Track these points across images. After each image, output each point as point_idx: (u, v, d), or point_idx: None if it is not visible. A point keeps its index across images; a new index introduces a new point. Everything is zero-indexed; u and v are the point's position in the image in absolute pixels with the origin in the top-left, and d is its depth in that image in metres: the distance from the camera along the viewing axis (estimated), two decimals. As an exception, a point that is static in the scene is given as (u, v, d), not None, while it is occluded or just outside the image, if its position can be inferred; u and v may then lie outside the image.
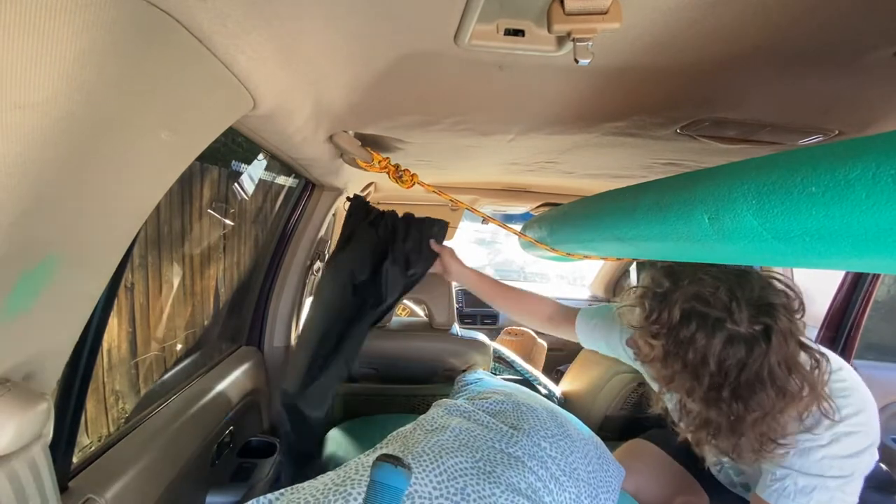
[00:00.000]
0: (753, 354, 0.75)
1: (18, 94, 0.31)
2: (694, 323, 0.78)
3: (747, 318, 0.75)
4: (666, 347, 0.81)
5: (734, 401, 0.77)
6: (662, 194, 0.70)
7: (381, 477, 0.64)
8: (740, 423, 0.78)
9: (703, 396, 0.79)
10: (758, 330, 0.75)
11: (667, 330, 0.81)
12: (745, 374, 0.76)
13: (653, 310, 0.83)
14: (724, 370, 0.76)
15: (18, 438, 0.41)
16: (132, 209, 0.48)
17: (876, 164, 0.39)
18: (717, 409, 0.79)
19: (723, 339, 0.76)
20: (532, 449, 0.90)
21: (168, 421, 0.91)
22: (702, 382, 0.78)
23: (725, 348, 0.76)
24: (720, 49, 0.55)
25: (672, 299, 0.81)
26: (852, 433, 0.80)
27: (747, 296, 0.77)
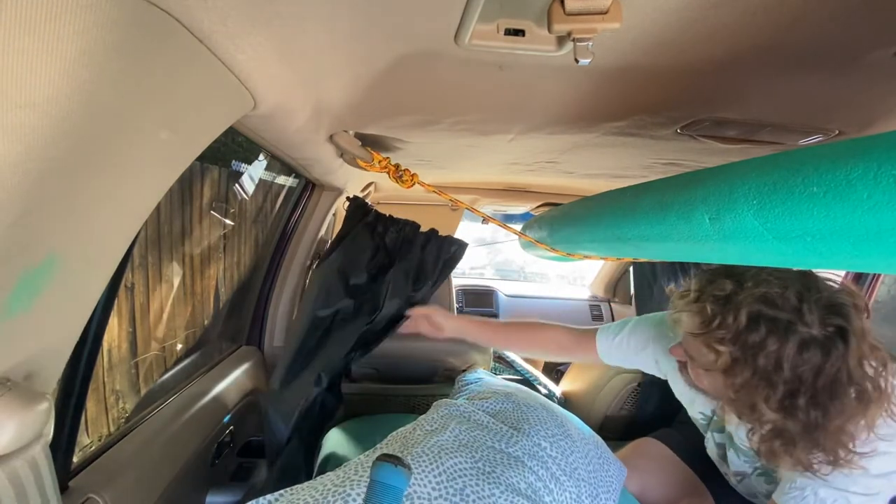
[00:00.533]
0: (831, 358, 0.71)
1: (19, 94, 0.31)
2: (763, 327, 0.73)
3: (818, 321, 0.72)
4: (733, 354, 0.76)
5: (812, 408, 0.72)
6: (663, 194, 0.70)
7: (381, 477, 0.64)
8: (818, 431, 0.73)
9: (778, 405, 0.74)
10: (831, 332, 0.72)
11: (733, 335, 0.76)
12: (822, 380, 0.71)
13: (716, 314, 0.78)
14: (799, 376, 0.72)
15: (19, 438, 0.41)
16: (132, 209, 0.48)
17: (877, 163, 0.39)
18: (793, 417, 0.74)
19: (797, 343, 0.72)
20: (532, 449, 0.90)
21: (168, 420, 0.91)
22: (776, 390, 0.73)
23: (800, 353, 0.71)
24: (720, 49, 0.55)
25: (736, 302, 0.76)
26: (887, 453, 0.76)
27: (815, 297, 0.73)
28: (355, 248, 1.28)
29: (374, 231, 1.30)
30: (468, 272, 4.17)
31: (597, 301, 2.84)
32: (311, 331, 1.21)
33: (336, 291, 1.23)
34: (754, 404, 0.76)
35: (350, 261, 1.27)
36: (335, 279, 1.24)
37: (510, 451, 0.88)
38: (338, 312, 1.24)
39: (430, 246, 1.28)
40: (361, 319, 1.23)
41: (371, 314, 1.23)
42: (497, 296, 2.76)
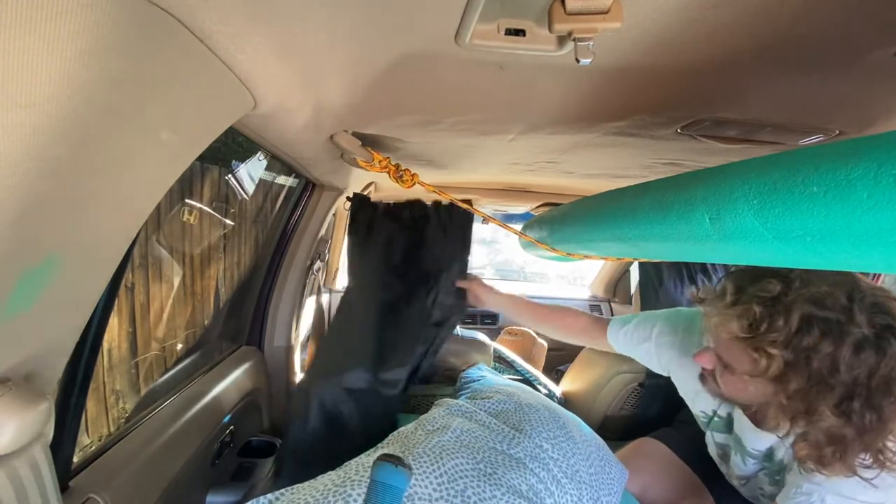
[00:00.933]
0: (886, 357, 0.69)
1: (20, 94, 0.31)
2: (817, 329, 0.71)
3: (867, 320, 0.70)
4: (786, 358, 0.73)
5: (867, 410, 0.71)
6: (663, 194, 0.70)
7: (381, 477, 0.64)
8: (871, 433, 0.71)
9: (835, 408, 0.72)
10: (880, 330, 0.70)
11: (785, 338, 0.72)
12: (877, 379, 0.70)
13: (764, 317, 0.74)
14: (855, 377, 0.70)
15: (19, 438, 0.41)
16: (133, 208, 0.48)
17: (877, 163, 0.39)
18: (850, 422, 0.71)
19: (852, 344, 0.70)
20: (534, 450, 0.90)
21: (168, 420, 0.91)
22: (833, 393, 0.71)
23: (856, 354, 0.70)
24: (721, 49, 0.55)
25: (786, 303, 0.73)
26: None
27: (860, 296, 0.72)
28: (383, 239, 1.31)
29: (397, 218, 1.33)
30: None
31: (597, 301, 2.84)
32: (364, 324, 1.25)
33: (381, 281, 1.27)
34: (812, 409, 0.74)
35: (384, 253, 1.30)
36: (379, 270, 1.28)
37: (511, 452, 0.88)
38: (391, 302, 1.28)
39: (441, 215, 1.33)
40: (418, 305, 1.28)
41: (425, 296, 1.28)
42: (497, 296, 2.75)
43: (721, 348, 0.84)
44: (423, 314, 1.28)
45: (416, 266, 1.30)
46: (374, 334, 1.26)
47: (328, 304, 2.26)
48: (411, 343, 1.27)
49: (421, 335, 1.28)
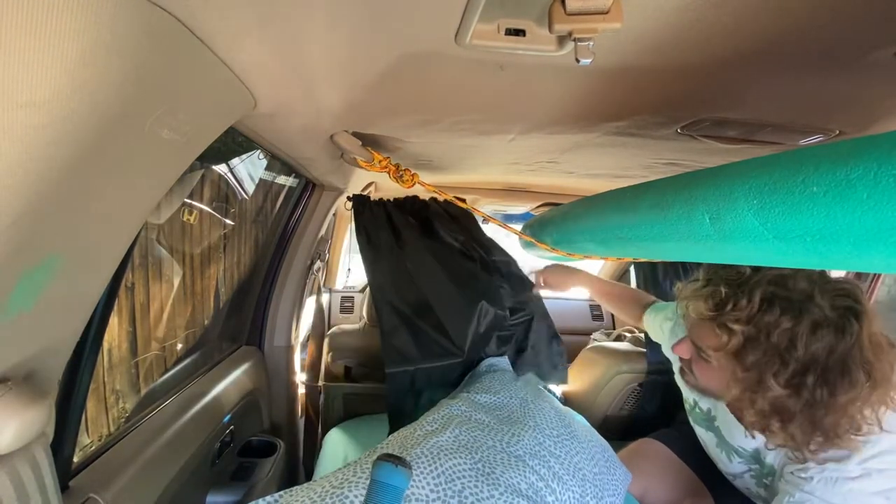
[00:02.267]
0: (844, 337, 0.73)
1: (20, 94, 0.31)
2: (778, 307, 0.75)
3: (829, 303, 0.74)
4: (747, 333, 0.78)
5: (819, 386, 0.74)
6: (663, 194, 0.70)
7: (381, 476, 0.64)
8: (819, 408, 0.75)
9: (787, 381, 0.76)
10: (843, 312, 0.74)
11: (746, 316, 0.78)
12: (834, 358, 0.73)
13: (729, 296, 0.80)
14: (812, 354, 0.74)
15: (20, 438, 0.41)
16: (134, 208, 0.48)
17: (877, 163, 0.39)
18: (798, 395, 0.75)
19: (810, 322, 0.74)
20: (534, 448, 0.90)
21: (169, 420, 0.91)
22: (787, 367, 0.75)
23: (814, 332, 0.73)
24: (721, 49, 0.55)
25: (750, 284, 0.79)
26: (886, 470, 0.76)
27: (826, 281, 0.76)
28: (407, 226, 1.34)
29: (406, 210, 1.37)
30: (468, 272, 4.16)
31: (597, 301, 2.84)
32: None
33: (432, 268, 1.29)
34: (762, 380, 0.78)
35: (415, 235, 1.33)
36: (430, 260, 1.30)
37: (511, 450, 0.88)
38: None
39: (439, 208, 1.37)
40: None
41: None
42: (497, 296, 2.75)
43: (692, 332, 0.90)
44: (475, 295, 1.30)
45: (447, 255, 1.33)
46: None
47: (328, 304, 2.26)
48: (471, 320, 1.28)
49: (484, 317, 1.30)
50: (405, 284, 1.27)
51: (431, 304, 1.25)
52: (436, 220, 1.37)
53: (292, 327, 1.53)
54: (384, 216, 1.35)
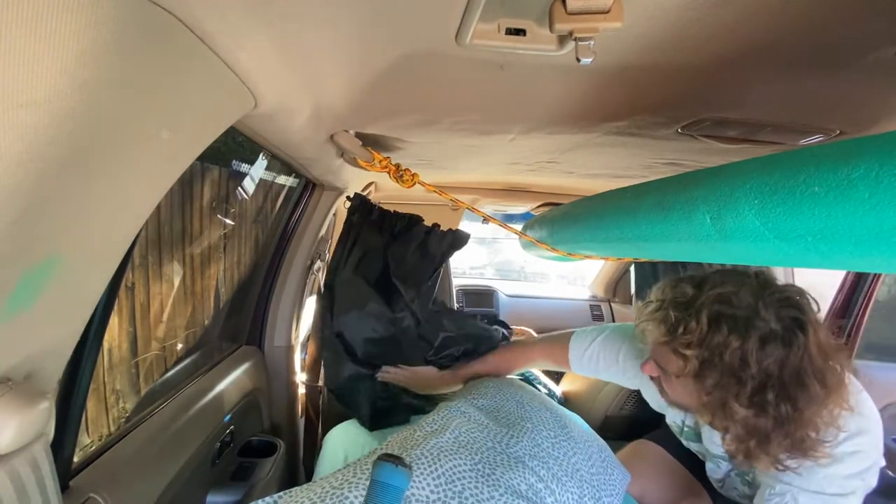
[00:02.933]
0: (792, 349, 0.73)
1: (20, 93, 0.31)
2: (725, 326, 0.75)
3: (775, 315, 0.75)
4: (700, 357, 0.78)
5: (782, 401, 0.74)
6: (664, 194, 0.70)
7: (381, 476, 0.64)
8: (789, 423, 0.75)
9: (749, 401, 0.76)
10: (788, 323, 0.74)
11: (697, 339, 0.77)
12: (788, 371, 0.73)
13: (679, 320, 0.80)
14: (765, 370, 0.74)
15: (20, 437, 0.41)
16: (133, 208, 0.48)
17: (879, 163, 0.39)
18: (764, 413, 0.75)
19: (757, 338, 0.74)
20: (533, 449, 0.90)
21: (169, 420, 0.91)
22: (745, 386, 0.75)
23: (762, 347, 0.74)
24: (721, 49, 0.55)
25: (697, 305, 0.79)
26: (856, 452, 0.78)
27: (768, 293, 0.77)
28: (365, 249, 1.31)
29: (381, 228, 1.32)
30: (468, 272, 4.17)
31: (597, 301, 2.84)
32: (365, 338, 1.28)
33: (361, 294, 1.27)
34: (725, 403, 0.78)
35: (365, 262, 1.30)
36: (358, 282, 1.28)
37: (511, 451, 0.88)
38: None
39: (431, 237, 1.33)
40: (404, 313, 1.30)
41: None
42: (497, 296, 2.76)
43: (654, 353, 0.90)
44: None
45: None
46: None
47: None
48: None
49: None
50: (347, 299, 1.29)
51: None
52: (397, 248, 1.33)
53: (292, 327, 1.53)
54: (360, 227, 1.34)
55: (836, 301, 1.79)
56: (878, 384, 1.77)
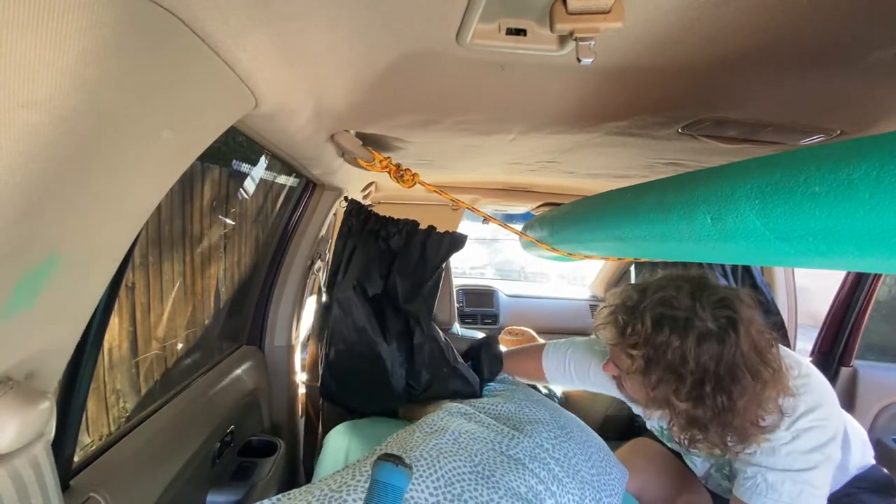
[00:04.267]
0: (726, 346, 0.80)
1: (21, 93, 0.31)
2: (667, 326, 0.82)
3: (711, 315, 0.81)
4: (646, 356, 0.85)
5: (718, 394, 0.81)
6: (664, 194, 0.70)
7: (382, 476, 0.64)
8: (726, 413, 0.81)
9: (687, 395, 0.82)
10: (724, 323, 0.81)
11: (643, 339, 0.84)
12: (723, 366, 0.80)
13: (627, 323, 0.88)
14: (703, 365, 0.80)
15: (20, 437, 0.41)
16: (134, 208, 0.48)
17: (880, 163, 0.39)
18: (702, 405, 0.82)
19: (695, 336, 0.81)
20: (534, 451, 0.90)
21: (169, 420, 0.91)
22: (685, 381, 0.82)
23: (699, 345, 0.80)
24: (722, 49, 0.55)
25: (641, 309, 0.86)
26: (812, 428, 0.84)
27: (706, 294, 0.84)
28: (365, 259, 1.30)
29: (378, 236, 1.31)
30: (468, 272, 4.17)
31: (597, 301, 2.84)
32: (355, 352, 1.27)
33: (359, 307, 1.26)
34: (668, 397, 0.85)
35: (364, 273, 1.29)
36: (355, 295, 1.27)
37: (511, 453, 0.88)
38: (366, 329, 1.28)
39: (430, 241, 1.32)
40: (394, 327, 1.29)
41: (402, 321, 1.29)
42: (497, 296, 2.75)
43: (612, 355, 0.98)
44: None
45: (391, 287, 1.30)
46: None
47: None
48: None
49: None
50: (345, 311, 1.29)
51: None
52: (400, 258, 1.32)
53: (293, 327, 1.53)
54: (357, 236, 1.33)
55: (836, 301, 1.79)
56: (878, 384, 1.77)
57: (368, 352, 1.26)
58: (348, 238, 1.32)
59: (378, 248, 1.31)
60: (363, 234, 1.31)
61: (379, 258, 1.31)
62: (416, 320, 1.28)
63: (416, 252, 1.30)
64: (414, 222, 1.32)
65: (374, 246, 1.31)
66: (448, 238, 1.30)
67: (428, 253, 1.30)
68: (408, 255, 1.29)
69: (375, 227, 1.32)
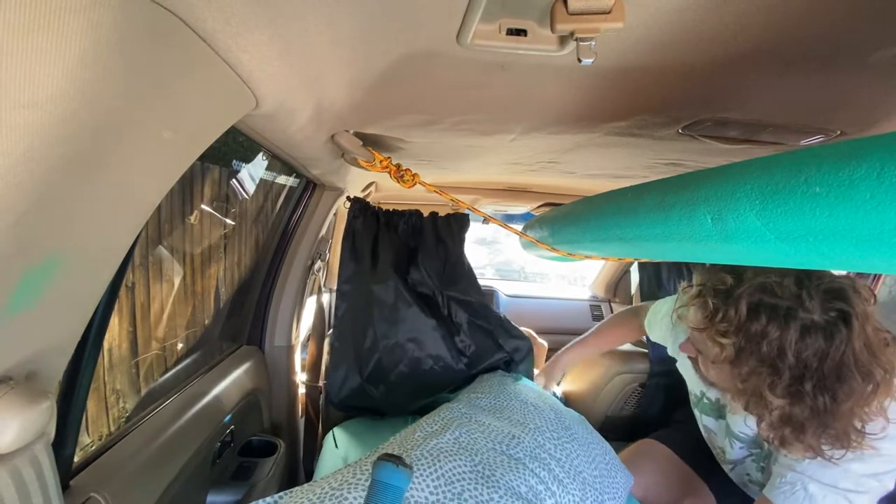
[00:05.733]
0: (835, 342, 0.71)
1: (22, 93, 0.31)
2: (764, 315, 0.74)
3: (820, 306, 0.72)
4: (737, 345, 0.77)
5: (820, 393, 0.72)
6: (665, 194, 0.70)
7: (382, 476, 0.64)
8: (828, 415, 0.73)
9: (785, 391, 0.74)
10: (833, 316, 0.72)
11: (735, 326, 0.76)
12: (828, 364, 0.71)
13: (717, 308, 0.79)
14: (804, 361, 0.72)
15: (21, 437, 0.41)
16: (135, 208, 0.48)
17: (881, 163, 0.39)
18: (800, 403, 0.74)
19: (798, 329, 0.72)
20: (535, 450, 0.90)
21: (169, 420, 0.91)
22: (782, 376, 0.74)
23: (803, 339, 0.71)
24: (722, 49, 0.55)
25: (737, 294, 0.77)
26: (877, 456, 0.76)
27: (815, 283, 0.73)
28: (392, 251, 1.32)
29: (396, 229, 1.35)
30: (468, 272, 4.16)
31: (597, 301, 2.84)
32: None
33: (402, 290, 1.29)
34: (761, 392, 0.77)
35: (395, 262, 1.31)
36: (399, 280, 1.29)
37: (511, 452, 0.88)
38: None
39: (439, 225, 1.35)
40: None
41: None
42: (497, 296, 2.76)
43: (692, 337, 0.90)
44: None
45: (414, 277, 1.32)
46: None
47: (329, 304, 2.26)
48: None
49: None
50: (363, 312, 1.30)
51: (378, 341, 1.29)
52: (421, 247, 1.36)
53: (293, 327, 1.53)
54: (374, 231, 1.35)
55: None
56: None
57: (420, 328, 1.29)
58: (364, 233, 1.33)
59: (400, 240, 1.33)
60: (379, 227, 1.33)
61: (404, 249, 1.33)
62: (457, 301, 1.31)
63: (432, 238, 1.33)
64: (417, 212, 1.35)
65: (396, 237, 1.33)
66: (453, 221, 1.33)
67: (442, 237, 1.33)
68: (426, 242, 1.33)
69: (388, 220, 1.35)
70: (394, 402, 1.35)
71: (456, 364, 1.31)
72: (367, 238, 1.34)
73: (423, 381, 1.31)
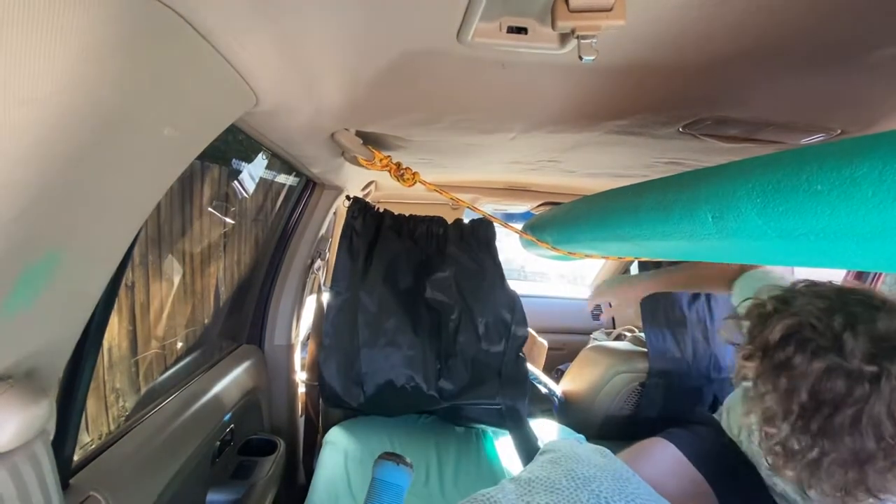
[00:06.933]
0: (854, 395, 0.64)
1: (22, 90, 0.31)
2: (792, 346, 0.70)
3: (861, 355, 0.64)
4: (759, 370, 0.74)
5: (822, 437, 0.67)
6: (665, 193, 0.70)
7: (382, 475, 0.64)
8: (824, 459, 0.68)
9: (792, 422, 0.70)
10: (868, 371, 0.64)
11: (762, 352, 0.74)
12: (841, 415, 0.65)
13: (751, 330, 0.77)
14: (819, 401, 0.67)
15: (21, 435, 0.41)
16: (134, 206, 0.48)
17: (882, 162, 0.39)
18: (799, 438, 0.69)
19: (823, 366, 0.66)
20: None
21: (169, 419, 0.91)
22: (792, 408, 0.69)
23: (823, 378, 0.66)
24: (723, 48, 0.55)
25: (774, 320, 0.73)
26: None
27: (870, 329, 0.66)
28: (390, 255, 1.31)
29: (399, 234, 1.32)
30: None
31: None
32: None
33: (388, 301, 1.27)
34: (770, 417, 0.73)
35: (391, 269, 1.29)
36: (385, 290, 1.28)
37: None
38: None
39: (464, 234, 1.33)
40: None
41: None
42: (497, 295, 2.75)
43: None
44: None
45: (423, 281, 1.30)
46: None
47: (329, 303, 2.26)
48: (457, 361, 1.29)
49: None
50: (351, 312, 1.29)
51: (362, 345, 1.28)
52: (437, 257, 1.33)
53: (293, 326, 1.53)
54: (373, 234, 1.33)
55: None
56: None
57: (400, 342, 1.27)
58: (362, 235, 1.32)
59: (403, 245, 1.31)
60: (381, 230, 1.32)
61: (406, 254, 1.31)
62: (472, 327, 1.29)
63: (456, 248, 1.31)
64: (439, 219, 1.33)
65: (398, 242, 1.32)
66: (479, 228, 1.32)
67: (469, 244, 1.31)
68: (446, 251, 1.31)
69: (393, 224, 1.33)
70: (376, 406, 1.34)
71: (427, 388, 1.28)
72: (364, 240, 1.33)
73: (397, 395, 1.29)
